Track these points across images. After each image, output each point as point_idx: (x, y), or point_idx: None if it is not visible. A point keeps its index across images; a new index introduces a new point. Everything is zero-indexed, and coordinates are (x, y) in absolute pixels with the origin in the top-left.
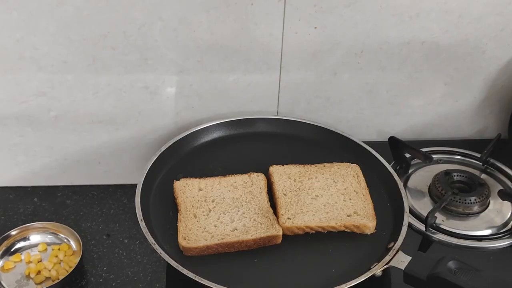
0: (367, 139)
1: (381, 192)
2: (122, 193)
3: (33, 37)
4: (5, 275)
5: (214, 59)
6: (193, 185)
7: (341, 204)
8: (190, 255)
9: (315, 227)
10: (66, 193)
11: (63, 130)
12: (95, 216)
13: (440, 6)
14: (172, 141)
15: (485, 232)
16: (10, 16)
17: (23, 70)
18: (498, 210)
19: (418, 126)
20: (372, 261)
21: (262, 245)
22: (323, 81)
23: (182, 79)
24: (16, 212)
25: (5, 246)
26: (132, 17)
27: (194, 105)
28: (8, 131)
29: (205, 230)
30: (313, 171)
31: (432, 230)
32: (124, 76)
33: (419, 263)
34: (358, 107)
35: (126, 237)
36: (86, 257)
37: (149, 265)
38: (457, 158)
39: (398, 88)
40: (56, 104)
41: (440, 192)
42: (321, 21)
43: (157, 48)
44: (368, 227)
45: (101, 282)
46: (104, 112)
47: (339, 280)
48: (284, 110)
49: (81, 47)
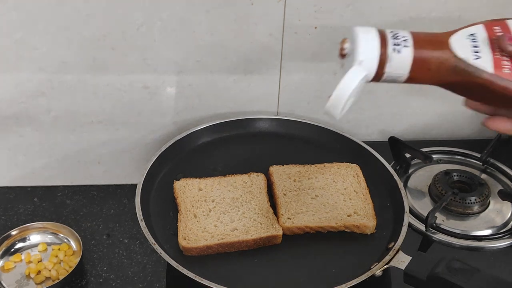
0: (367, 139)
1: (381, 192)
2: (122, 193)
3: (33, 37)
4: (5, 275)
5: (214, 59)
6: (193, 185)
7: (341, 204)
8: (190, 255)
9: (315, 227)
10: (66, 193)
11: (63, 130)
12: (95, 216)
13: (440, 6)
14: (172, 141)
15: (485, 232)
16: (10, 16)
17: (23, 70)
18: (498, 210)
19: (418, 126)
20: (372, 261)
21: (262, 245)
22: (323, 81)
23: (182, 79)
24: (16, 212)
25: (5, 246)
26: (132, 17)
27: (194, 105)
28: (8, 131)
29: (205, 230)
30: (313, 171)
31: (432, 230)
32: (123, 76)
33: (419, 263)
34: (358, 107)
35: (126, 237)
36: (86, 257)
37: (149, 265)
38: (457, 158)
39: (398, 88)
40: (56, 104)
41: (440, 192)
42: (321, 21)
43: (156, 48)
44: (368, 227)
45: (101, 282)
46: (104, 112)
47: (339, 280)
48: (284, 110)
49: (81, 47)
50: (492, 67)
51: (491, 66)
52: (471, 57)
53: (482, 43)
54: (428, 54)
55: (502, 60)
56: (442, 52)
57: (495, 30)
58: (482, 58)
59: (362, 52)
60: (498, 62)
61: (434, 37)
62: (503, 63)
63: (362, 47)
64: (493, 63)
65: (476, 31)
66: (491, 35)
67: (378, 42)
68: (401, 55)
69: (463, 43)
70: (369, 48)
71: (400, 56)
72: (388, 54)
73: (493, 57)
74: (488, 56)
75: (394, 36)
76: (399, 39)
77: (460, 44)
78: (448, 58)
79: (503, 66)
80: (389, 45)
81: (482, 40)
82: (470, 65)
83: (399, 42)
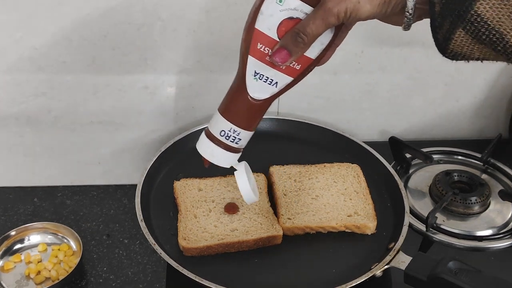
0: (367, 139)
1: (381, 192)
2: (122, 193)
3: (33, 37)
4: (5, 275)
5: (214, 59)
6: (193, 185)
7: (341, 204)
8: (190, 255)
9: (315, 228)
10: (66, 193)
11: (63, 130)
12: (95, 216)
13: None
14: (172, 141)
15: (485, 233)
16: (10, 16)
17: (23, 70)
18: (498, 211)
19: (418, 126)
20: (372, 261)
21: (262, 246)
22: (323, 81)
23: (182, 79)
24: (16, 212)
25: (5, 246)
26: (132, 17)
27: (194, 105)
28: (8, 131)
29: (205, 230)
30: (313, 171)
31: (432, 231)
32: (124, 76)
33: (419, 263)
34: (358, 107)
35: (126, 237)
36: (86, 257)
37: (149, 265)
38: (457, 158)
39: (398, 88)
40: (56, 104)
41: (441, 192)
42: None
43: (157, 48)
44: (369, 227)
45: (101, 283)
46: (104, 112)
47: (339, 280)
48: (284, 110)
49: (81, 47)
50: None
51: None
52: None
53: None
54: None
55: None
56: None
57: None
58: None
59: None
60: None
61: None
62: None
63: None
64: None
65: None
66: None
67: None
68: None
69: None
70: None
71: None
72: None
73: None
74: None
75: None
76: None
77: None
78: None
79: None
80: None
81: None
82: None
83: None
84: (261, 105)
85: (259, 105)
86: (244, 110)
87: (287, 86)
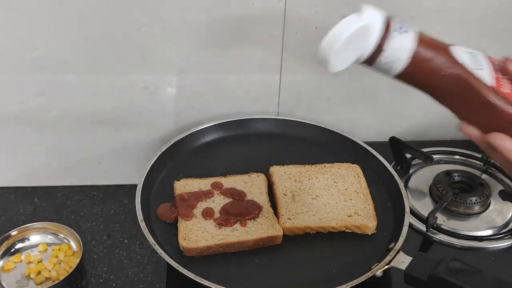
0: (367, 139)
1: (381, 193)
2: (122, 193)
3: (33, 37)
4: (5, 275)
5: (214, 59)
6: (193, 185)
7: (341, 205)
8: (190, 255)
9: (315, 228)
10: (66, 193)
11: (63, 130)
12: (95, 216)
13: (440, 6)
14: (172, 141)
15: (486, 233)
16: (10, 16)
17: (23, 70)
18: (499, 211)
19: (418, 126)
20: (372, 261)
21: (263, 246)
22: (323, 81)
23: (182, 79)
24: (16, 213)
25: (5, 246)
26: (132, 17)
27: (194, 105)
28: (8, 131)
29: (205, 230)
30: (313, 171)
31: (433, 231)
32: (124, 76)
33: (420, 263)
34: (358, 107)
35: (126, 238)
36: (86, 257)
37: (149, 265)
38: (457, 158)
39: (398, 88)
40: (56, 104)
41: (441, 192)
42: (321, 21)
43: (157, 48)
44: (369, 227)
45: (101, 283)
46: (104, 112)
47: (340, 280)
48: (284, 110)
49: (81, 47)
50: (492, 81)
51: (491, 80)
52: (471, 66)
53: (482, 60)
54: (429, 51)
55: (502, 79)
56: (443, 53)
57: (492, 59)
58: (483, 71)
59: (367, 17)
60: (498, 79)
61: (436, 40)
62: (503, 81)
63: (368, 14)
64: (494, 78)
65: (475, 52)
66: (490, 59)
67: (383, 17)
68: (403, 37)
69: (463, 55)
70: (375, 16)
71: (402, 38)
72: (391, 31)
73: (494, 73)
74: (489, 71)
75: (401, 21)
76: (405, 24)
77: (460, 54)
78: (448, 61)
79: (501, 84)
80: (394, 24)
81: (481, 58)
82: (469, 71)
83: (404, 25)
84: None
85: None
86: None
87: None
